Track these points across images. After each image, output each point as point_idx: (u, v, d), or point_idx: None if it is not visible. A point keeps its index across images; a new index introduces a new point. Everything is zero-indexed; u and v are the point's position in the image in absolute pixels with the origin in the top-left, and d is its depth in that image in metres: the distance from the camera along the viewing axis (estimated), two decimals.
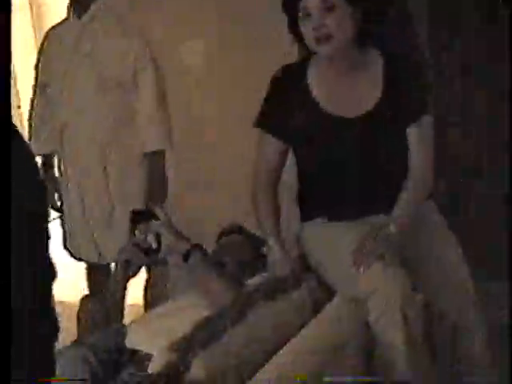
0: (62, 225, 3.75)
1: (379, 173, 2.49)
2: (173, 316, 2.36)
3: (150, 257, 2.64)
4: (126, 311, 2.72)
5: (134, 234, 2.67)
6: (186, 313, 2.30)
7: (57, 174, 3.71)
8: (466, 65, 3.99)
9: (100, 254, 3.61)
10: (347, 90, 2.49)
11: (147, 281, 3.71)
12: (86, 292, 3.71)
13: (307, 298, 2.29)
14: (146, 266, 2.70)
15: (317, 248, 2.51)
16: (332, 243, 2.46)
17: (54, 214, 3.85)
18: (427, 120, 2.50)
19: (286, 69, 2.57)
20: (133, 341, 2.25)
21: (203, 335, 1.87)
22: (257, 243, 2.74)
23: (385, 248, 2.33)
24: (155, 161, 3.58)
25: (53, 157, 3.69)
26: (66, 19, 3.60)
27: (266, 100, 2.56)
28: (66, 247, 3.75)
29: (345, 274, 2.35)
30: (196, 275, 2.50)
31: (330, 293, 2.38)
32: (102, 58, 3.47)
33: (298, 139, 2.53)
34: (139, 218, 2.69)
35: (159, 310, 2.49)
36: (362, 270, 2.29)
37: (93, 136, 3.51)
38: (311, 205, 2.61)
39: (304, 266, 2.49)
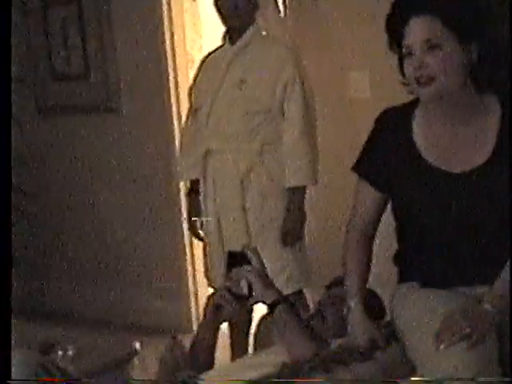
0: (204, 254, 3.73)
1: (480, 238, 2.18)
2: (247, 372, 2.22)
3: (241, 303, 2.53)
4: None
5: (229, 278, 2.57)
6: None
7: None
8: None
9: None
10: (455, 141, 2.19)
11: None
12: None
13: (376, 373, 2.05)
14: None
15: (403, 315, 2.24)
16: (418, 313, 2.18)
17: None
18: None
19: (390, 112, 2.32)
20: None
21: None
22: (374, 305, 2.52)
23: (474, 327, 2.03)
24: (295, 196, 3.45)
25: (199, 182, 3.66)
26: (221, 46, 3.59)
27: (367, 144, 2.34)
28: (206, 275, 3.72)
29: (424, 351, 2.08)
30: (279, 328, 2.36)
31: (410, 368, 2.11)
32: (252, 83, 3.43)
33: (398, 192, 2.28)
34: (235, 260, 2.59)
35: (238, 362, 2.35)
36: (442, 347, 2.01)
37: (236, 162, 3.45)
38: (408, 265, 2.34)
39: (389, 334, 2.23)
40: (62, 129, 4.95)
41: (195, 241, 4.15)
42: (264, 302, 2.46)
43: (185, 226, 4.07)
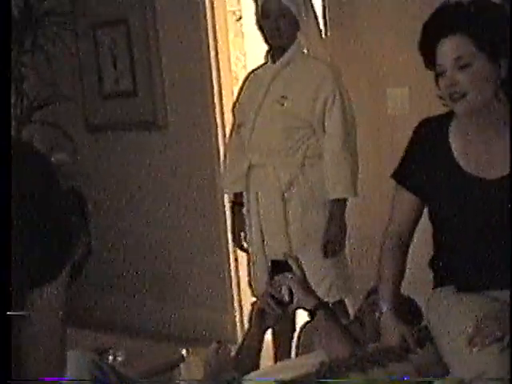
0: (248, 265, 3.84)
1: None
2: (287, 373, 2.32)
3: (283, 309, 2.63)
4: None
5: (271, 285, 2.68)
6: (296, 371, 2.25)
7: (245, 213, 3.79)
8: None
9: None
10: (489, 149, 2.31)
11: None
12: None
13: (411, 373, 2.14)
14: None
15: (437, 319, 2.33)
16: (451, 316, 2.27)
17: None
18: None
19: (428, 122, 2.44)
20: None
21: None
22: (412, 311, 2.61)
23: (505, 331, 2.11)
24: (336, 207, 3.55)
25: (243, 195, 3.78)
26: (264, 64, 3.71)
27: (406, 153, 2.46)
28: (250, 285, 3.83)
29: (458, 353, 2.17)
30: (319, 333, 2.46)
31: (444, 370, 2.20)
32: (293, 99, 3.54)
33: (434, 198, 2.39)
34: (277, 269, 2.70)
35: (279, 365, 2.45)
36: (475, 350, 2.10)
37: (277, 176, 3.56)
38: (443, 270, 2.44)
39: (425, 337, 2.32)
40: (111, 146, 5.12)
41: (239, 252, 4.27)
42: (305, 308, 2.57)
43: (229, 238, 4.18)
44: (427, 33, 2.31)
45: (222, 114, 4.64)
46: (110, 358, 3.21)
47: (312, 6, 3.62)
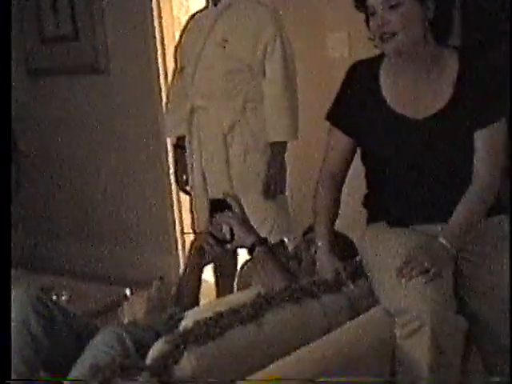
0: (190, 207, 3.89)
1: (442, 178, 2.38)
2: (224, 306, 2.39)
3: (224, 247, 2.71)
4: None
5: (211, 223, 2.74)
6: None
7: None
8: None
9: None
10: (417, 90, 2.39)
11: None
12: None
13: (344, 305, 2.23)
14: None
15: (369, 253, 2.43)
16: (382, 250, 2.37)
17: None
18: (500, 125, 2.34)
19: (360, 65, 2.51)
20: None
21: (203, 330, 1.89)
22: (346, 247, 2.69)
23: (432, 262, 2.22)
24: (277, 150, 3.61)
25: (185, 139, 3.81)
26: (205, 7, 3.72)
27: (338, 95, 2.53)
28: (193, 227, 3.89)
29: (387, 285, 2.27)
30: (257, 268, 2.54)
31: (376, 302, 2.30)
32: (234, 42, 3.56)
33: (365, 138, 2.47)
34: (217, 207, 2.76)
35: (217, 301, 2.53)
36: (403, 281, 2.20)
37: (219, 119, 3.60)
38: (375, 207, 2.53)
39: (357, 273, 2.41)
40: (51, 90, 5.10)
41: (182, 195, 4.32)
42: (244, 246, 2.64)
43: (172, 180, 4.22)
44: None
45: (164, 58, 4.65)
46: (54, 297, 3.26)
47: None
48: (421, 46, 2.34)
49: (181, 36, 3.83)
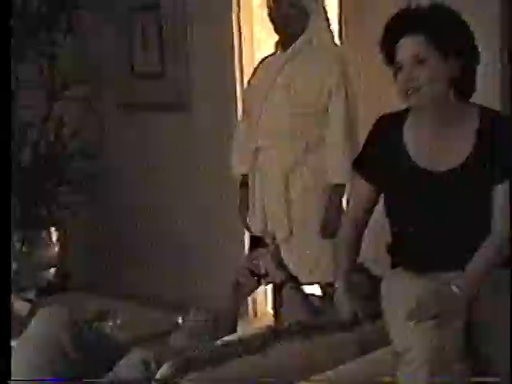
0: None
1: (460, 229, 2.46)
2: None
3: (259, 281, 2.82)
4: None
5: (248, 259, 2.87)
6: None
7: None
8: None
9: None
10: (439, 144, 2.50)
11: None
12: None
13: (355, 343, 2.30)
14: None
15: (386, 296, 2.51)
16: (396, 293, 2.45)
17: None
18: None
19: (386, 118, 2.64)
20: None
21: (207, 357, 1.99)
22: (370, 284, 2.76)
23: (441, 308, 2.28)
24: (336, 192, 3.68)
25: (248, 177, 3.94)
26: (274, 52, 3.87)
27: (364, 145, 2.66)
28: None
29: (398, 327, 2.34)
30: (285, 302, 2.65)
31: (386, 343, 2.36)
32: (300, 86, 3.69)
33: (388, 189, 2.59)
34: (256, 243, 2.88)
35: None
36: (412, 324, 2.26)
37: (282, 159, 3.73)
38: (396, 254, 2.62)
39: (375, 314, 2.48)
40: (138, 124, 5.35)
41: None
42: (275, 282, 2.76)
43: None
44: (388, 33, 2.50)
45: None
46: (110, 323, 3.44)
47: None
48: (443, 101, 2.45)
49: (250, 78, 3.99)
